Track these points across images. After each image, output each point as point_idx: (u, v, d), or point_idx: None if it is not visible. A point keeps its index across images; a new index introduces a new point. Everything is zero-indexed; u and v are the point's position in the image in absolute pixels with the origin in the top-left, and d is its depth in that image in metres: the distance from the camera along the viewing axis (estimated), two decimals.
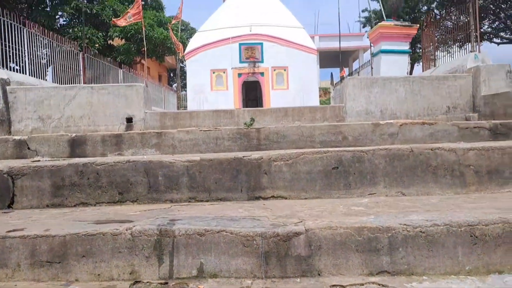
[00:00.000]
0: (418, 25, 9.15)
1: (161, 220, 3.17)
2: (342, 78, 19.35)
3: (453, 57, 8.17)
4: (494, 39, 35.15)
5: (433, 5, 35.57)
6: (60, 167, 4.12)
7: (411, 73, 30.85)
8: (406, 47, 9.19)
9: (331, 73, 27.22)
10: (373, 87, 6.23)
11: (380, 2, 15.94)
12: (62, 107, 6.48)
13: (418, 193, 4.05)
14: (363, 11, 34.41)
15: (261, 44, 15.11)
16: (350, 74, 18.41)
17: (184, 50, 17.04)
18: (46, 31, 11.25)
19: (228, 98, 15.01)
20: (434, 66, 8.83)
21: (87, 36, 20.93)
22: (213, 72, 15.21)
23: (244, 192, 4.18)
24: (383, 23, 9.31)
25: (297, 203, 3.97)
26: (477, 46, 7.02)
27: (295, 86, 15.02)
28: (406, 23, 9.36)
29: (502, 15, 32.98)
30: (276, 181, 4.16)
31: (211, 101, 14.98)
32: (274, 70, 15.17)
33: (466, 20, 7.68)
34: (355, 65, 33.60)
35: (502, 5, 32.44)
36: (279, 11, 15.82)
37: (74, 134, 5.56)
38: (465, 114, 6.27)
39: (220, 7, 16.35)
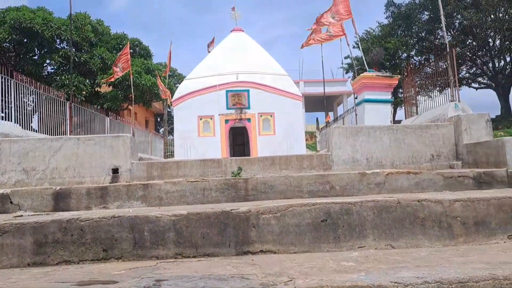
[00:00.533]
0: (399, 76, 9.50)
1: (146, 280, 3.07)
2: (327, 123, 19.73)
3: (434, 102, 8.44)
4: (473, 84, 36.68)
5: (412, 53, 37.22)
6: (43, 224, 4.01)
7: (394, 117, 31.70)
8: (388, 96, 9.50)
9: (317, 118, 27.78)
10: (359, 135, 6.34)
11: (362, 52, 16.52)
12: (47, 158, 6.41)
13: (407, 245, 4.03)
14: (345, 57, 35.78)
15: (248, 91, 15.43)
16: (335, 119, 18.80)
17: (171, 96, 17.28)
18: (32, 80, 11.37)
19: (216, 144, 15.08)
20: (416, 112, 9.08)
21: (74, 84, 21.14)
22: (200, 119, 15.35)
23: (232, 247, 4.10)
24: (365, 74, 9.65)
25: (286, 258, 3.90)
26: (457, 95, 7.28)
27: (282, 131, 15.21)
28: (387, 74, 9.72)
29: (479, 61, 34.63)
30: (264, 235, 4.10)
31: (198, 147, 15.01)
32: (261, 116, 15.41)
33: (445, 66, 8.02)
34: (340, 109, 34.44)
35: (478, 52, 34.14)
36: (265, 59, 16.31)
37: (58, 187, 5.46)
38: (449, 162, 6.39)
39: (207, 56, 16.80)
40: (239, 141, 17.66)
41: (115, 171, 6.48)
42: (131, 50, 27.11)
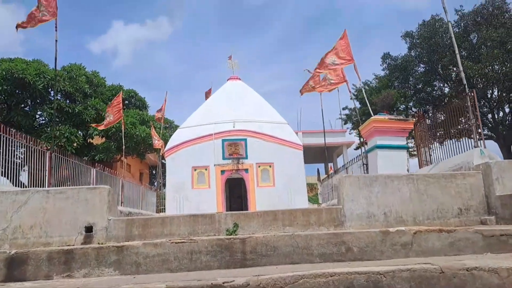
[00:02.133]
0: (414, 119, 8.80)
1: None
2: (330, 175, 18.85)
3: (449, 150, 7.64)
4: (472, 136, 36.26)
5: (410, 104, 37.18)
6: None
7: None
8: (403, 142, 8.71)
9: (318, 169, 26.95)
10: (374, 186, 5.45)
11: (366, 97, 15.95)
12: (10, 215, 5.44)
13: None
14: (343, 109, 35.61)
15: (245, 140, 14.71)
16: (336, 171, 17.94)
17: (165, 146, 16.51)
18: (22, 133, 10.63)
19: (211, 197, 14.10)
20: (429, 161, 8.25)
21: (65, 135, 20.44)
22: (195, 169, 14.48)
23: None
24: (376, 117, 8.92)
25: None
26: (481, 141, 6.51)
27: (282, 182, 14.31)
28: (401, 117, 9.01)
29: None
30: None
31: (192, 200, 14.01)
32: (259, 166, 14.56)
33: (464, 115, 7.26)
34: (339, 160, 33.64)
35: (477, 103, 34.09)
36: (262, 107, 15.75)
37: (13, 251, 4.47)
38: (480, 217, 5.47)
39: (203, 104, 16.26)
40: (236, 193, 16.66)
41: (89, 229, 5.49)
42: (127, 102, 26.87)
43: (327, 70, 12.86)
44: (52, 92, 21.72)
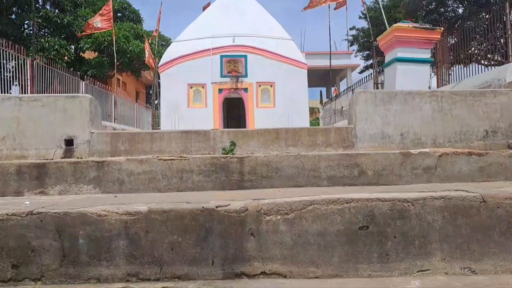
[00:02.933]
0: (442, 28, 7.83)
1: None
2: (334, 97, 18.06)
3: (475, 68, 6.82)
4: (482, 61, 34.89)
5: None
6: None
7: None
8: (427, 55, 7.77)
9: (320, 91, 26.02)
10: (392, 103, 4.77)
11: (381, 7, 14.56)
12: None
13: (496, 269, 2.53)
14: (350, 29, 33.53)
15: (245, 56, 13.69)
16: (339, 94, 17.08)
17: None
18: (12, 43, 9.65)
19: (207, 117, 13.44)
20: (448, 80, 7.49)
21: (55, 48, 19.23)
22: (191, 87, 13.64)
23: (217, 266, 2.61)
24: (398, 25, 7.87)
25: (303, 286, 2.42)
26: None
27: (283, 104, 13.57)
28: (427, 26, 7.99)
29: (490, 36, 32.78)
30: (269, 248, 2.61)
31: (188, 119, 13.37)
32: (259, 86, 13.73)
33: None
34: (343, 84, 32.64)
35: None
36: (265, 20, 14.42)
37: None
38: (508, 140, 4.86)
39: (200, 16, 14.88)
40: (234, 114, 16.01)
41: (69, 142, 4.89)
42: (119, 14, 25.12)
43: None
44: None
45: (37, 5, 20.57)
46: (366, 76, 10.24)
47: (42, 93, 9.94)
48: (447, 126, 4.82)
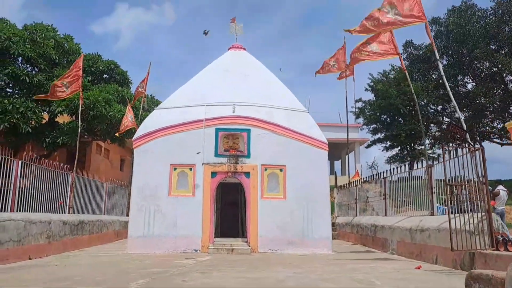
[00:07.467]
0: None
1: None
2: (353, 183, 14.79)
3: None
4: (495, 139, 32.46)
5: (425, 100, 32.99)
6: None
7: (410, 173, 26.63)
8: None
9: (335, 172, 22.74)
10: None
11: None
12: None
13: None
14: (356, 101, 31.25)
15: (248, 131, 10.46)
16: (359, 179, 13.81)
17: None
18: None
19: (194, 209, 9.90)
20: None
21: (20, 111, 16.13)
22: (174, 169, 10.22)
23: None
24: None
25: None
26: None
27: (296, 194, 10.12)
28: None
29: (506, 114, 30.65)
30: None
31: (168, 212, 9.81)
32: (266, 169, 10.37)
33: None
34: (351, 159, 29.55)
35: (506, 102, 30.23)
36: (274, 87, 11.42)
37: None
38: None
39: (193, 77, 11.84)
40: (229, 198, 12.52)
41: None
42: (106, 75, 22.53)
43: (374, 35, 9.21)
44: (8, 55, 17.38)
45: (7, 60, 17.82)
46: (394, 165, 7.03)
47: None
48: None
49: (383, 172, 11.06)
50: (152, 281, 5.68)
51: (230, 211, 12.28)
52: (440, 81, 31.76)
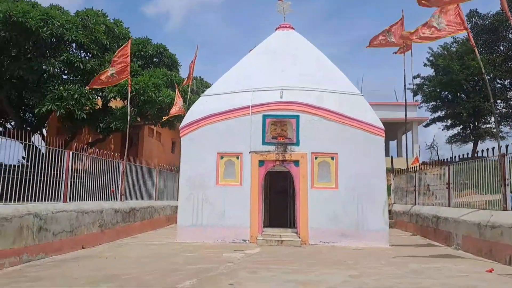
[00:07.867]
0: None
1: None
2: (409, 168, 13.84)
3: None
4: None
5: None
6: None
7: (473, 153, 24.90)
8: None
9: (391, 157, 21.65)
10: None
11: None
12: None
13: None
14: (414, 77, 29.24)
15: (297, 117, 9.96)
16: (419, 166, 12.76)
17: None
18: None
19: (242, 198, 9.67)
20: None
21: (75, 97, 16.62)
22: (221, 157, 10.02)
23: None
24: None
25: None
26: None
27: (349, 184, 9.54)
28: None
29: None
30: None
31: (215, 201, 9.68)
32: (316, 158, 9.85)
33: None
34: (405, 139, 28.04)
35: None
36: (325, 69, 10.71)
37: None
38: None
39: (239, 62, 11.43)
40: (278, 187, 12.16)
41: None
42: (155, 59, 22.67)
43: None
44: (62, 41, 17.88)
45: (62, 47, 18.39)
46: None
47: None
48: None
49: (447, 160, 10.12)
50: (198, 283, 5.47)
51: (279, 200, 11.92)
52: (509, 53, 29.03)
